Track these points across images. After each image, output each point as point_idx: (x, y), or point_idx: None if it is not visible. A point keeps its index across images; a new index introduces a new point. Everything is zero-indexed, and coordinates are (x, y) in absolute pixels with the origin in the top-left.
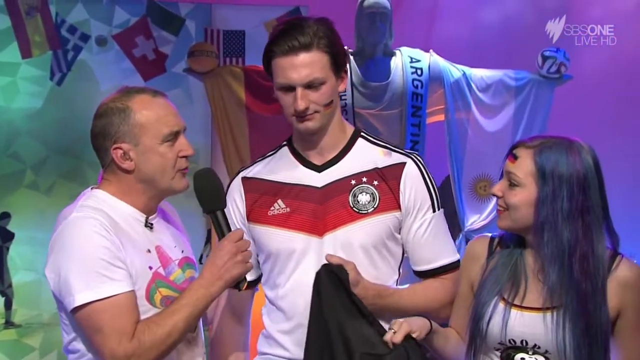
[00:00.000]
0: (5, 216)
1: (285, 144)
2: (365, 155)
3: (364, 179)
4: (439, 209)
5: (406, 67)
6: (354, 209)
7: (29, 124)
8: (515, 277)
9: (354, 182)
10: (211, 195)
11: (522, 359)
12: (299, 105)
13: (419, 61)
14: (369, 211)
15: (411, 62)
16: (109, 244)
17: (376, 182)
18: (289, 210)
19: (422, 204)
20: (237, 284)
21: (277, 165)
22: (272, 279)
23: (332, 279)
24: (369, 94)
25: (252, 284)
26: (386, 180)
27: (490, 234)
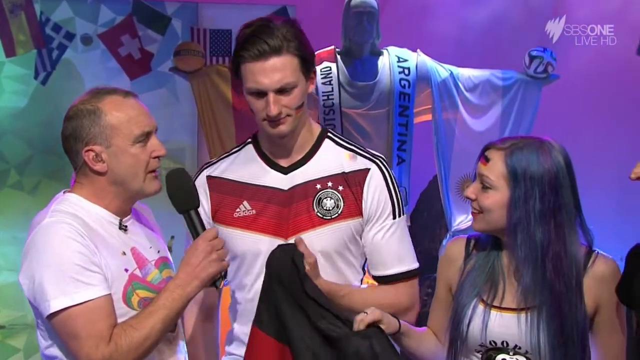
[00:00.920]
0: None
1: (250, 141)
2: (332, 157)
3: (330, 184)
4: (399, 216)
5: (393, 66)
6: (318, 214)
7: (13, 123)
8: (492, 278)
9: (319, 186)
10: (184, 195)
11: None
12: (272, 110)
13: (406, 61)
14: (332, 217)
15: (398, 61)
16: (83, 249)
17: (341, 188)
18: (254, 212)
19: (383, 211)
20: (214, 282)
21: (243, 164)
22: (239, 278)
23: (288, 264)
24: (356, 94)
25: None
26: (350, 186)
27: (466, 236)
